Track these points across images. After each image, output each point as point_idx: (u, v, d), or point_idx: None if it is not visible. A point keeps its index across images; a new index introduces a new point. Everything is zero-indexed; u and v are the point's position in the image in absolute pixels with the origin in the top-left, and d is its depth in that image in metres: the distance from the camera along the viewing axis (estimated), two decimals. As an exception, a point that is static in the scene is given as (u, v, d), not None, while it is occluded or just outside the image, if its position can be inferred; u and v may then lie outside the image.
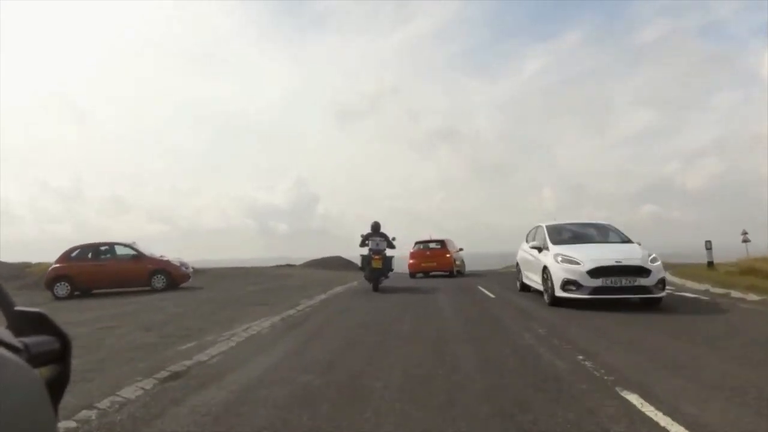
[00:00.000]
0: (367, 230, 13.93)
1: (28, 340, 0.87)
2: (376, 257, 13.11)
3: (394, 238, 13.98)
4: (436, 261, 19.96)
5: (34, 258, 24.38)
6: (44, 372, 0.88)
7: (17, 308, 0.87)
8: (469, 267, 24.04)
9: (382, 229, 13.99)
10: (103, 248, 16.36)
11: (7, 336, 0.87)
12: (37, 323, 0.87)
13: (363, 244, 13.81)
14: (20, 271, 21.81)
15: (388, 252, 13.89)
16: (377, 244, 13.39)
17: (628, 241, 10.41)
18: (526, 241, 12.13)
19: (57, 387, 0.88)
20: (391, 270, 14.06)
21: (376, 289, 13.30)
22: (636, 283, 8.68)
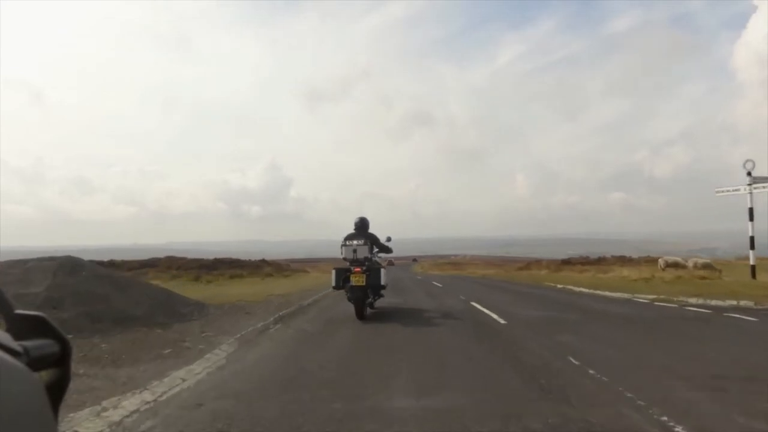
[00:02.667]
0: (348, 229, 10.10)
1: (28, 343, 0.87)
2: (357, 270, 9.07)
3: (389, 239, 10.38)
4: None
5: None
6: (44, 376, 0.88)
7: (17, 311, 0.87)
8: (445, 250, 23.24)
9: (372, 227, 10.23)
10: None
11: (7, 339, 0.87)
12: (37, 326, 0.87)
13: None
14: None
15: (382, 256, 10.60)
16: (354, 252, 9.41)
17: None
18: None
19: (57, 391, 0.88)
20: (383, 287, 9.88)
21: (361, 316, 9.17)
22: None
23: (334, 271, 9.65)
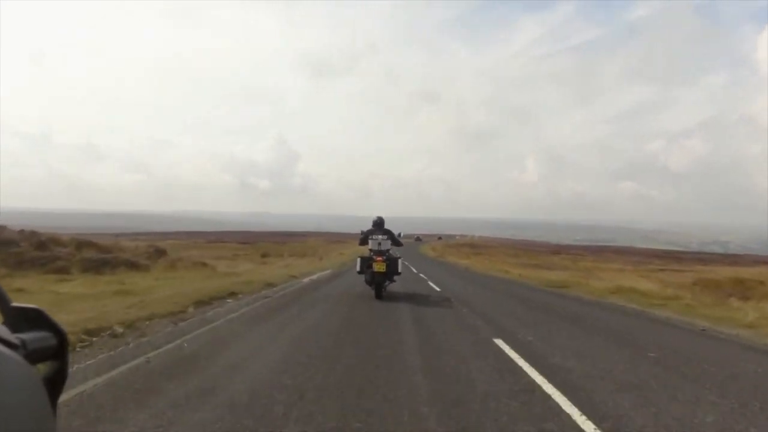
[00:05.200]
0: (365, 225, 12.51)
1: (25, 336, 0.87)
2: (379, 259, 11.29)
3: (399, 234, 12.59)
4: None
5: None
6: (42, 368, 0.88)
7: (14, 304, 0.86)
8: (449, 231, 24.55)
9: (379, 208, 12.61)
10: None
11: (4, 332, 0.87)
12: (34, 319, 0.87)
13: (363, 243, 12.34)
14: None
15: (395, 250, 12.51)
16: (379, 244, 11.78)
17: None
18: None
19: (55, 383, 0.88)
20: (398, 273, 12.07)
21: (379, 296, 11.29)
22: None
23: (359, 259, 12.02)
